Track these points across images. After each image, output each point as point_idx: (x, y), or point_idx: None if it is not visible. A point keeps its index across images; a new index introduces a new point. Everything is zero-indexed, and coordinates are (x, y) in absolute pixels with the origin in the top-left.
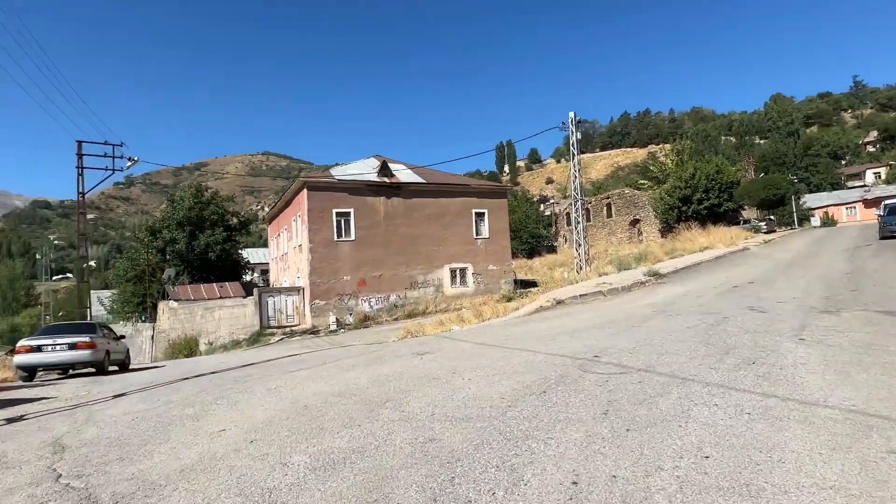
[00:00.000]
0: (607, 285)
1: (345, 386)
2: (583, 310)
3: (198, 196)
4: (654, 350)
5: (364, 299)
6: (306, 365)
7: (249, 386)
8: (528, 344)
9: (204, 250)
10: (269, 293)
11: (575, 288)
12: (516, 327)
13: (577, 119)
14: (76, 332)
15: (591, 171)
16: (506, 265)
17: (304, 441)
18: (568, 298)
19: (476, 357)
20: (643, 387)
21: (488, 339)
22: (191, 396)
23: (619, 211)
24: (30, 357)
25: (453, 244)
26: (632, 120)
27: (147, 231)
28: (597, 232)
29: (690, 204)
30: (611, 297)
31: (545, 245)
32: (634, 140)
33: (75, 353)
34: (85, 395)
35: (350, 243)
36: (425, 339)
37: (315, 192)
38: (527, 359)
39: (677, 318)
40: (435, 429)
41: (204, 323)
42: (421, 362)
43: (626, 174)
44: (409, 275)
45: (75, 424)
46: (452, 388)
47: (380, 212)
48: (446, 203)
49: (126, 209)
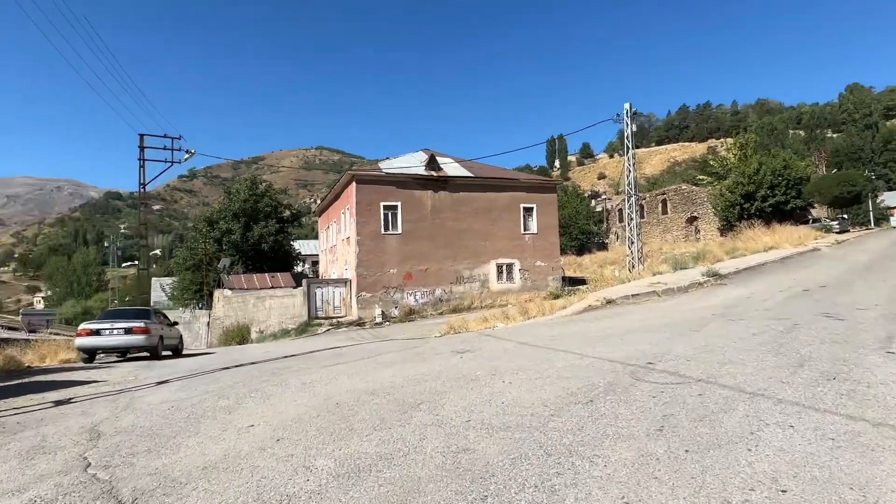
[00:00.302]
0: (662, 285)
1: (380, 384)
2: (635, 311)
3: (253, 188)
4: (716, 358)
5: (409, 293)
6: (344, 359)
7: (285, 379)
8: (575, 346)
9: (257, 241)
10: (317, 284)
11: (627, 287)
12: (563, 327)
13: (633, 111)
14: (132, 317)
15: (646, 166)
16: (554, 262)
17: (332, 443)
18: (619, 298)
19: (518, 358)
20: (704, 400)
21: (532, 338)
22: (227, 387)
23: (676, 207)
24: (89, 340)
25: (500, 239)
26: (691, 113)
27: (205, 222)
28: (651, 229)
29: (754, 201)
30: (665, 297)
31: (596, 242)
32: (693, 134)
33: (130, 338)
34: (132, 380)
35: (397, 236)
36: (467, 337)
37: (363, 185)
38: (573, 362)
39: (741, 323)
40: (469, 437)
41: (255, 312)
42: (460, 361)
43: (684, 169)
44: (454, 269)
45: (115, 410)
46: (491, 391)
47: (427, 205)
48: (494, 197)
49: (189, 201)
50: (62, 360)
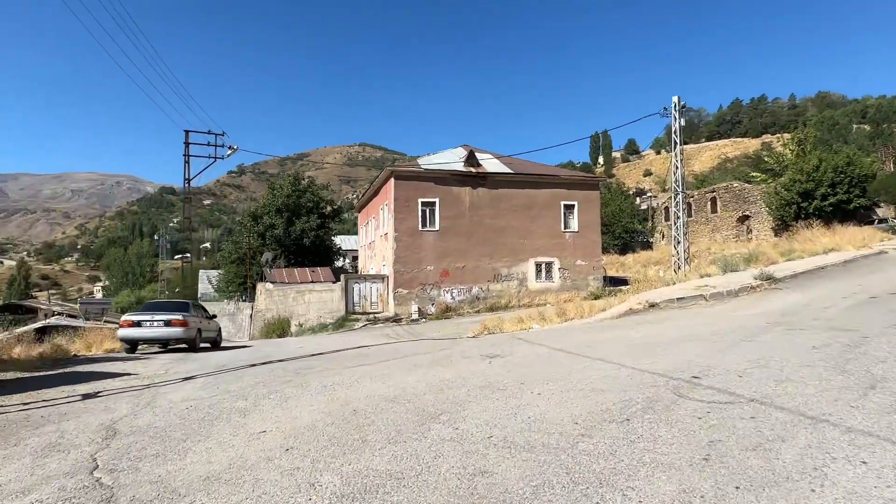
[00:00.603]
0: (710, 288)
1: (401, 389)
2: (680, 316)
3: (295, 184)
4: (771, 375)
5: (446, 290)
6: (370, 360)
7: (307, 380)
8: (613, 354)
9: (299, 236)
10: (354, 280)
11: (671, 290)
12: (601, 332)
13: (682, 104)
14: (172, 310)
15: (695, 162)
16: (595, 261)
17: (341, 456)
18: (663, 301)
19: (551, 366)
20: (757, 425)
21: (567, 343)
22: (248, 387)
23: (726, 206)
24: (130, 331)
25: (540, 237)
26: (744, 107)
27: (249, 216)
28: (699, 228)
29: (812, 199)
30: (714, 302)
31: (640, 241)
32: (746, 129)
33: (169, 330)
34: (163, 374)
35: (434, 233)
36: (499, 339)
37: (402, 181)
38: (609, 373)
39: (799, 333)
40: (489, 457)
41: (295, 305)
42: (489, 367)
43: (735, 166)
44: (492, 267)
45: (136, 407)
46: (518, 403)
47: (465, 202)
48: (534, 194)
49: (237, 196)
50: (106, 349)
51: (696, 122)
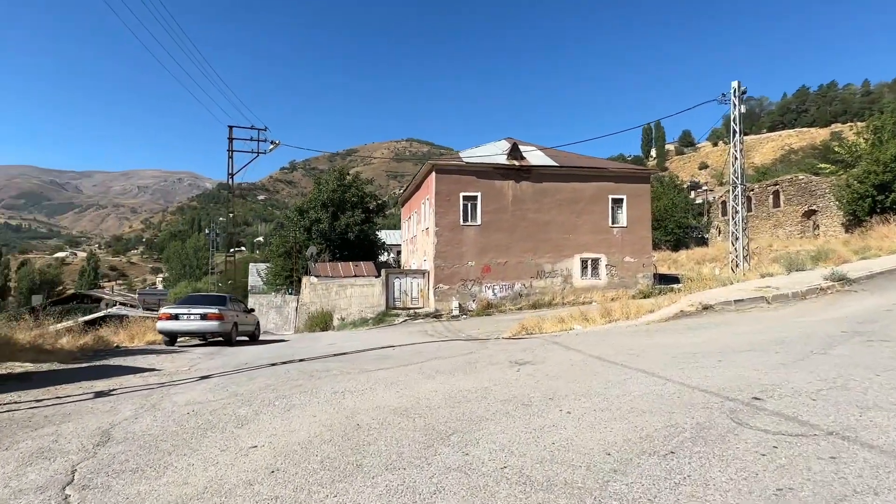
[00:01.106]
0: (773, 290)
1: (415, 400)
2: (738, 321)
3: (340, 179)
4: (853, 399)
5: (488, 286)
6: (391, 363)
7: (319, 385)
8: (658, 364)
9: (344, 230)
10: (395, 275)
11: (728, 291)
12: (647, 337)
13: (742, 90)
14: (208, 303)
15: (756, 154)
16: (645, 257)
17: (329, 484)
18: (718, 304)
19: (585, 377)
20: (839, 468)
21: (608, 350)
22: (256, 391)
23: (790, 200)
24: (168, 324)
25: (585, 232)
26: (811, 95)
27: (296, 211)
28: (759, 224)
29: (890, 192)
30: (777, 305)
31: (694, 237)
32: (813, 118)
33: (204, 324)
34: (185, 370)
35: (476, 228)
36: (533, 343)
37: (443, 174)
38: (653, 389)
39: (883, 346)
40: (499, 496)
41: (338, 299)
42: (516, 377)
43: (801, 158)
44: (535, 263)
45: (140, 410)
46: (542, 424)
47: (507, 196)
48: (580, 188)
49: (289, 191)
50: (148, 341)
51: (757, 112)
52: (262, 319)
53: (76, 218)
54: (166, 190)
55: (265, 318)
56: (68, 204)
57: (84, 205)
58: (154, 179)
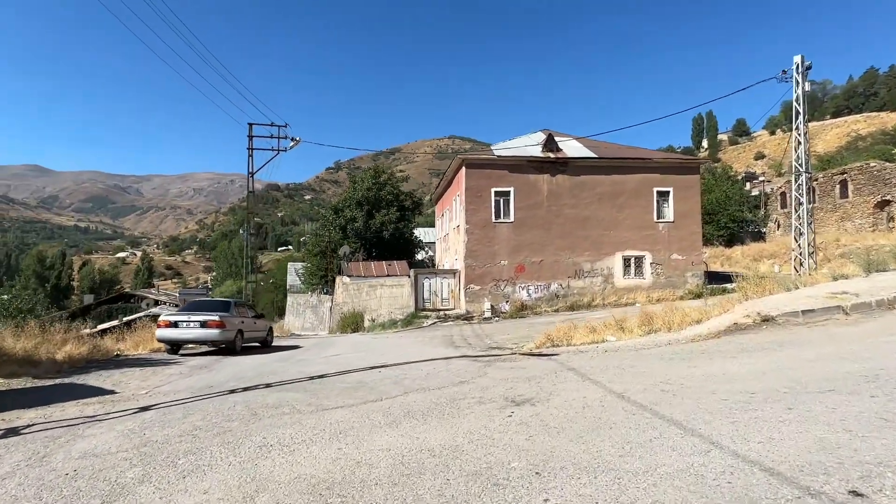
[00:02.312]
0: (850, 297)
1: (351, 469)
2: (808, 339)
3: (376, 177)
4: None
5: (522, 286)
6: (359, 397)
7: (250, 432)
8: (701, 413)
9: (379, 229)
10: (424, 275)
11: (793, 297)
12: (688, 362)
13: (807, 64)
14: (210, 310)
15: (818, 142)
16: (694, 255)
17: None
18: (782, 315)
19: (597, 432)
20: None
21: (635, 382)
22: (174, 438)
23: (860, 190)
24: (167, 332)
25: (628, 228)
26: (881, 76)
27: (331, 210)
28: (824, 216)
29: None
30: (858, 317)
31: (750, 231)
32: (884, 101)
33: (204, 332)
34: (142, 395)
35: (508, 225)
36: (545, 369)
37: (473, 169)
38: (690, 461)
39: None
40: None
41: (368, 300)
42: (503, 427)
43: (870, 145)
44: (573, 261)
45: (18, 465)
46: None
47: (542, 191)
48: (621, 180)
49: (335, 191)
50: (152, 348)
51: (820, 97)
52: (299, 319)
53: (137, 220)
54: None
55: (302, 318)
56: (130, 206)
57: (144, 207)
58: (208, 182)
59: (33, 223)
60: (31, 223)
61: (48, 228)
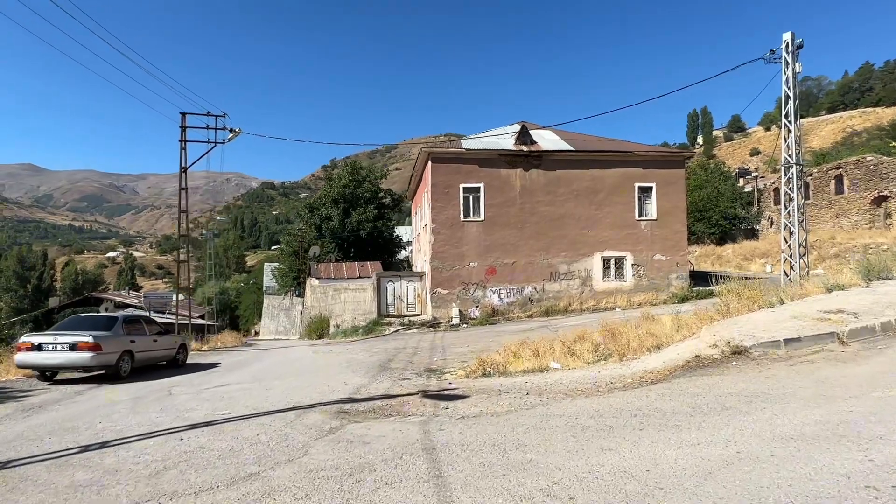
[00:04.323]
0: (847, 318)
1: None
2: (789, 390)
3: (354, 174)
4: None
5: (493, 290)
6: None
7: None
8: None
9: (356, 227)
10: (388, 278)
11: (776, 317)
12: (608, 437)
13: (798, 42)
14: (89, 328)
15: (814, 137)
16: (679, 255)
17: None
18: (758, 346)
19: None
20: None
21: (499, 490)
22: None
23: (856, 185)
24: (29, 356)
25: (607, 227)
26: (876, 71)
27: (306, 208)
28: (818, 213)
29: None
30: (859, 348)
31: (743, 229)
32: (879, 97)
33: (74, 355)
34: None
35: (478, 224)
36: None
37: (440, 164)
38: None
39: None
40: None
41: (334, 304)
42: None
43: (865, 140)
44: (548, 263)
45: None
46: None
47: (515, 187)
48: (600, 175)
49: None
50: (27, 373)
51: (815, 92)
52: (274, 322)
53: (133, 219)
54: (215, 190)
55: (276, 321)
56: (126, 205)
57: (140, 206)
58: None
59: (27, 222)
60: (25, 222)
61: (42, 228)
